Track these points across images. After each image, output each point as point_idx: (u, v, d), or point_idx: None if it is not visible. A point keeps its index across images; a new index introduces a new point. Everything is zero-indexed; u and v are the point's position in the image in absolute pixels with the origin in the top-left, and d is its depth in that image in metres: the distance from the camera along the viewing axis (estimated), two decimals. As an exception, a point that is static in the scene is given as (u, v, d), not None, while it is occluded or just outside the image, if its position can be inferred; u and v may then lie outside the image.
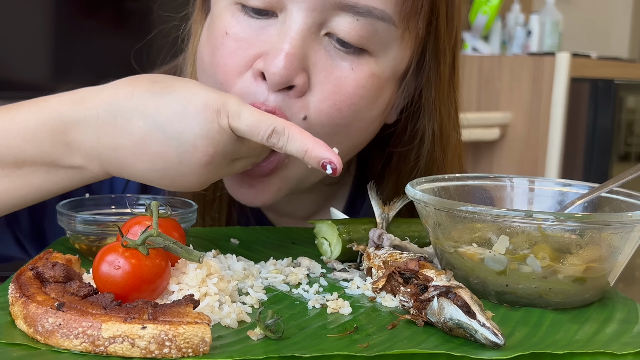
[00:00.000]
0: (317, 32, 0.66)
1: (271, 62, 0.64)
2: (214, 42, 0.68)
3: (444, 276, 0.52)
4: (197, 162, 0.60)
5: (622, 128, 2.64)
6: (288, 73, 0.64)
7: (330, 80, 0.67)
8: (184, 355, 0.44)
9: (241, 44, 0.67)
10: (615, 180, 0.65)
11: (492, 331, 0.47)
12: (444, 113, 0.76)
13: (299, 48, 0.65)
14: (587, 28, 3.60)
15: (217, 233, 0.77)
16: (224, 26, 0.68)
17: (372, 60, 0.68)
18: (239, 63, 0.67)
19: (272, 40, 0.66)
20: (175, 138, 0.59)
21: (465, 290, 0.50)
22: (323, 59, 0.66)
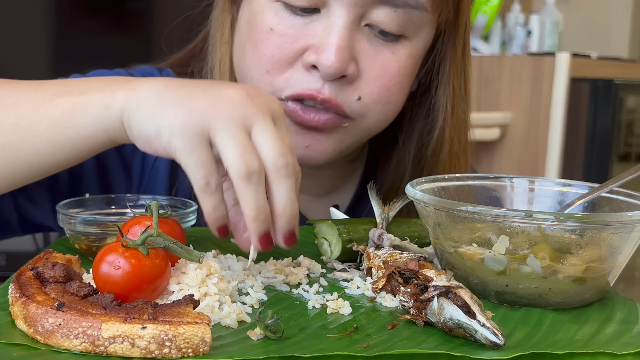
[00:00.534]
0: (359, 24, 0.72)
1: (323, 55, 0.70)
2: (257, 36, 0.74)
3: (444, 276, 0.52)
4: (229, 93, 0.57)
5: (622, 128, 2.64)
6: (341, 64, 0.70)
7: (376, 65, 0.74)
8: (184, 355, 0.44)
9: (287, 38, 0.72)
10: (615, 180, 0.65)
11: (492, 331, 0.47)
12: (456, 85, 0.82)
13: (346, 40, 0.71)
14: (587, 28, 3.60)
15: (217, 233, 0.77)
16: (267, 23, 0.73)
17: (408, 43, 0.75)
18: (286, 55, 0.72)
19: (318, 34, 0.72)
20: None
21: (465, 290, 0.50)
22: (367, 47, 0.73)
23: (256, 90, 0.58)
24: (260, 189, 0.54)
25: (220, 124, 0.54)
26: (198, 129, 0.54)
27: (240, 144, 0.53)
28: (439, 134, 0.83)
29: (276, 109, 0.58)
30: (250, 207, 0.54)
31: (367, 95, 0.74)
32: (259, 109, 0.56)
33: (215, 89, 0.57)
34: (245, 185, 0.53)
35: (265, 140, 0.55)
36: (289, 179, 0.55)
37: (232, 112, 0.55)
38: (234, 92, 0.56)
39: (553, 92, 2.44)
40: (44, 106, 0.61)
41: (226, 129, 0.54)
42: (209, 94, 0.56)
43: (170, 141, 0.55)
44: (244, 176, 0.53)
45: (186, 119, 0.54)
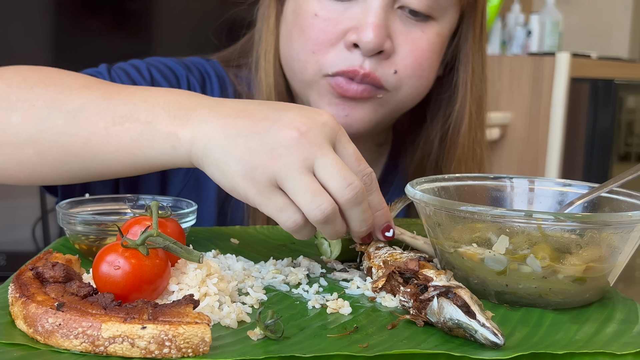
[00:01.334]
0: (392, 6, 0.82)
1: (363, 34, 0.80)
2: (303, 22, 0.83)
3: (443, 276, 0.52)
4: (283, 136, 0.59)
5: (622, 128, 2.64)
6: (379, 40, 0.80)
7: (409, 42, 0.83)
8: (184, 355, 0.44)
9: (330, 22, 0.82)
10: (615, 180, 0.65)
11: (492, 331, 0.47)
12: (475, 65, 0.91)
13: (382, 19, 0.80)
14: (587, 28, 3.60)
15: (217, 233, 0.77)
16: (312, 10, 0.83)
17: (436, 23, 0.85)
18: (330, 37, 0.82)
19: (357, 17, 0.81)
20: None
21: (465, 290, 0.50)
22: (400, 26, 0.83)
23: (307, 123, 0.59)
24: (338, 222, 0.59)
25: (284, 174, 0.57)
26: (267, 183, 0.57)
27: (308, 191, 0.57)
28: (459, 108, 0.91)
29: (330, 128, 0.60)
30: (332, 236, 0.60)
31: (402, 69, 0.83)
32: (315, 144, 0.58)
33: (269, 136, 0.58)
34: (324, 226, 0.58)
35: (330, 176, 0.58)
36: (359, 204, 0.59)
37: (291, 159, 0.57)
38: (287, 136, 0.58)
39: (553, 92, 2.44)
40: (114, 128, 0.64)
41: (290, 178, 0.57)
42: (265, 145, 0.58)
43: (247, 197, 0.59)
44: (321, 221, 0.57)
45: (253, 178, 0.58)
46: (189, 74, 0.93)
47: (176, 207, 0.71)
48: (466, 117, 0.91)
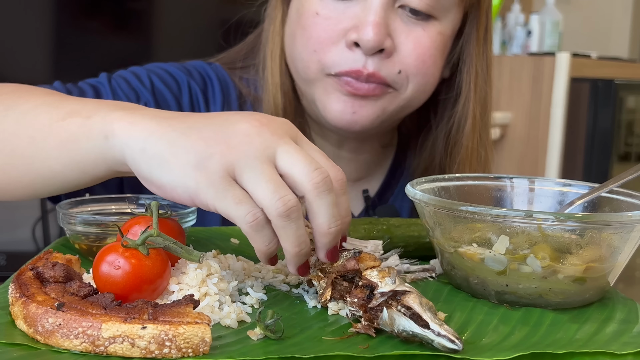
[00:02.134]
0: (393, 5, 0.82)
1: (363, 32, 0.80)
2: (305, 21, 0.84)
3: (388, 278, 0.50)
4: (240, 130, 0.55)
5: (622, 128, 2.64)
6: (379, 38, 0.80)
7: (410, 40, 0.83)
8: (184, 355, 0.44)
9: (331, 20, 0.82)
10: (615, 180, 0.65)
11: (448, 339, 0.45)
12: (479, 66, 0.91)
13: (382, 18, 0.80)
14: (587, 28, 3.60)
15: (217, 233, 0.77)
16: (314, 9, 0.83)
17: (437, 22, 0.85)
18: (331, 35, 0.82)
19: (357, 15, 0.81)
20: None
21: (413, 295, 0.48)
22: (400, 25, 0.83)
23: (267, 117, 0.56)
24: (300, 224, 0.52)
25: (244, 163, 0.52)
26: (222, 173, 0.52)
27: (270, 181, 0.51)
28: (463, 109, 0.91)
29: (290, 128, 0.56)
30: (292, 244, 0.52)
31: (406, 67, 0.83)
32: (276, 134, 0.54)
33: (226, 125, 0.54)
34: (286, 223, 0.51)
35: (294, 161, 0.53)
36: (329, 194, 0.53)
37: (252, 147, 0.52)
38: (246, 124, 0.54)
39: (553, 92, 2.44)
40: (57, 124, 0.61)
41: (251, 168, 0.52)
42: (221, 133, 0.53)
43: (198, 193, 0.52)
44: (283, 214, 0.51)
45: (206, 167, 0.52)
46: (190, 79, 0.92)
47: (176, 207, 0.71)
48: (470, 119, 0.91)
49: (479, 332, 0.51)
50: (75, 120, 0.60)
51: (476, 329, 0.52)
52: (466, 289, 0.60)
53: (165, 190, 0.54)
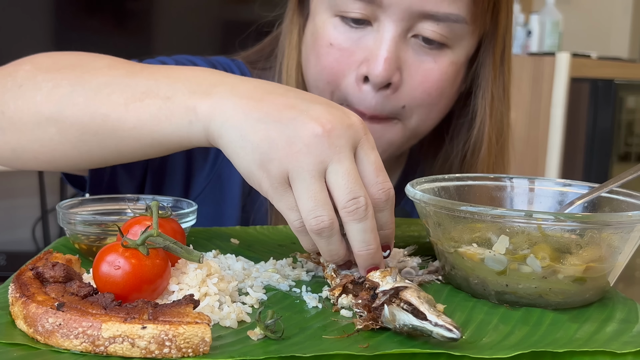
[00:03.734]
0: (405, 36, 0.81)
1: (373, 67, 0.79)
2: (319, 50, 0.84)
3: (389, 277, 0.51)
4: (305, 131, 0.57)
5: (622, 128, 2.64)
6: (387, 74, 0.80)
7: (419, 73, 0.82)
8: (184, 355, 0.44)
9: (344, 52, 0.82)
10: (615, 180, 0.65)
11: (446, 328, 0.45)
12: (495, 90, 0.89)
13: (393, 52, 0.80)
14: (587, 28, 3.59)
15: (217, 233, 0.77)
16: (327, 37, 0.83)
17: (450, 51, 0.83)
18: (343, 68, 0.83)
19: (370, 47, 0.81)
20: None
21: (411, 290, 0.49)
22: (412, 57, 0.82)
23: (334, 121, 0.57)
24: (333, 240, 0.57)
25: (297, 172, 0.55)
26: (280, 179, 0.56)
27: (312, 198, 0.55)
28: (477, 134, 0.90)
29: (355, 132, 0.58)
30: (325, 254, 0.58)
31: (410, 101, 0.83)
32: (335, 146, 0.56)
33: (292, 127, 0.56)
34: (317, 239, 0.57)
35: (337, 185, 0.56)
36: (360, 222, 0.56)
37: (308, 159, 0.55)
38: (310, 131, 0.56)
39: (553, 92, 2.44)
40: (134, 104, 0.64)
41: (301, 180, 0.55)
42: (286, 136, 0.56)
43: (261, 188, 0.58)
44: (314, 231, 0.56)
45: (268, 170, 0.56)
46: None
47: (176, 207, 0.71)
48: (485, 143, 0.90)
49: (479, 332, 0.51)
50: (154, 102, 0.63)
51: (476, 329, 0.52)
52: (466, 289, 0.60)
53: (241, 174, 0.59)
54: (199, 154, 0.91)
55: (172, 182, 0.90)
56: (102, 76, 0.67)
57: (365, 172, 0.57)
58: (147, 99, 0.63)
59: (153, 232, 0.51)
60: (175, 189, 0.90)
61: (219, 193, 0.91)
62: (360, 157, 0.58)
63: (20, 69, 0.70)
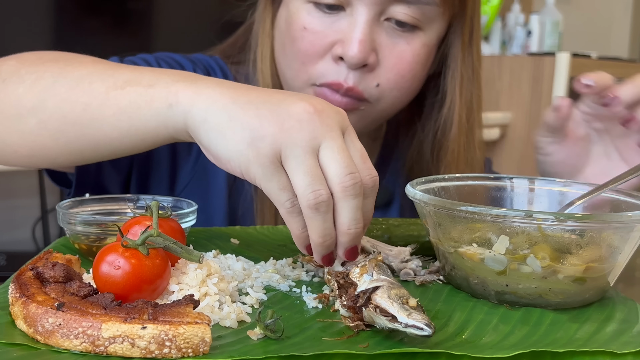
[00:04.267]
0: (378, 19, 0.83)
1: (348, 48, 0.81)
2: (294, 34, 0.85)
3: (365, 275, 0.51)
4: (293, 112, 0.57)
5: (622, 128, 2.63)
6: (363, 55, 0.81)
7: (393, 55, 0.84)
8: (184, 355, 0.44)
9: (318, 34, 0.84)
10: (615, 180, 0.65)
11: (417, 327, 0.45)
12: (464, 70, 0.91)
13: (367, 34, 0.82)
14: (587, 28, 3.60)
15: (217, 233, 0.77)
16: (302, 22, 0.84)
17: (422, 33, 0.86)
18: (318, 50, 0.84)
19: (344, 30, 0.83)
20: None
21: (381, 291, 0.49)
22: (385, 39, 0.84)
23: (322, 104, 0.58)
24: (328, 217, 0.55)
25: (290, 149, 0.55)
26: (272, 157, 0.55)
27: (308, 173, 0.54)
28: (447, 113, 0.92)
29: (342, 119, 0.58)
30: (318, 234, 0.56)
31: (385, 81, 0.85)
32: (327, 125, 0.56)
33: (283, 106, 0.56)
34: (313, 215, 0.55)
35: (333, 160, 0.55)
36: (355, 198, 0.55)
37: (300, 134, 0.55)
38: (301, 109, 0.56)
39: (553, 92, 2.44)
40: (115, 92, 0.63)
41: (295, 156, 0.55)
42: (277, 114, 0.56)
43: (249, 169, 0.56)
44: (312, 206, 0.54)
45: (259, 148, 0.55)
46: (195, 68, 0.95)
47: (176, 207, 0.71)
48: (455, 123, 0.91)
49: (479, 332, 0.51)
50: (135, 89, 0.63)
51: (476, 328, 0.52)
52: (466, 289, 0.60)
53: (221, 161, 0.58)
54: (182, 148, 0.91)
55: (158, 177, 0.91)
56: (85, 68, 0.67)
57: (354, 156, 0.57)
58: (129, 86, 0.63)
59: (153, 232, 0.51)
60: (161, 183, 0.92)
61: (205, 185, 0.92)
62: (347, 144, 0.57)
63: (5, 64, 0.71)
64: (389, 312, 0.47)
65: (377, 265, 0.55)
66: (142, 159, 0.90)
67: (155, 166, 0.91)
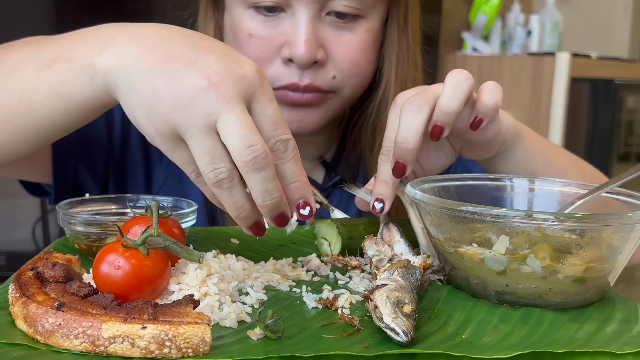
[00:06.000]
0: (320, 15, 0.84)
1: (295, 49, 0.82)
2: (240, 42, 0.86)
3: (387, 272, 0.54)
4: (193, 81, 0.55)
5: (622, 128, 2.64)
6: (310, 54, 0.83)
7: (341, 46, 0.86)
8: (184, 355, 0.44)
9: (264, 39, 0.85)
10: (615, 180, 0.65)
11: (395, 332, 0.46)
12: (400, 52, 0.92)
13: (311, 32, 0.83)
14: (587, 28, 3.60)
15: (217, 233, 0.77)
16: (246, 29, 0.85)
17: (365, 21, 0.87)
18: (267, 54, 0.85)
19: (288, 31, 0.84)
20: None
21: (383, 290, 0.50)
22: (330, 33, 0.85)
23: (220, 73, 0.55)
24: (235, 191, 0.55)
25: (185, 129, 0.54)
26: (170, 134, 0.55)
27: (205, 153, 0.54)
28: (383, 95, 0.93)
29: (248, 82, 0.56)
30: (229, 208, 0.56)
31: (340, 72, 0.87)
32: (223, 98, 0.54)
33: (177, 79, 0.55)
34: (219, 192, 0.55)
35: (230, 134, 0.53)
36: (260, 171, 0.54)
37: (194, 113, 0.54)
38: (194, 83, 0.54)
39: (553, 92, 2.44)
40: (44, 72, 0.63)
41: (190, 135, 0.54)
42: (170, 88, 0.55)
43: (154, 142, 0.56)
44: (214, 184, 0.54)
45: (156, 125, 0.55)
46: None
47: (176, 207, 0.71)
48: (390, 102, 0.91)
49: (478, 331, 0.51)
50: (61, 67, 0.62)
51: (476, 328, 0.52)
52: (466, 289, 0.60)
53: (139, 128, 0.57)
54: (155, 150, 0.92)
55: (134, 179, 0.93)
56: (17, 54, 0.67)
57: (261, 124, 0.55)
58: (55, 65, 0.62)
59: (153, 232, 0.51)
60: (138, 184, 0.93)
61: (179, 184, 0.93)
62: (255, 110, 0.56)
63: None
64: (380, 310, 0.48)
65: (405, 267, 0.56)
66: (117, 164, 0.92)
67: (131, 169, 0.93)
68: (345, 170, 0.98)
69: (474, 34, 2.82)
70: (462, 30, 2.86)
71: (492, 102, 0.65)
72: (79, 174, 0.88)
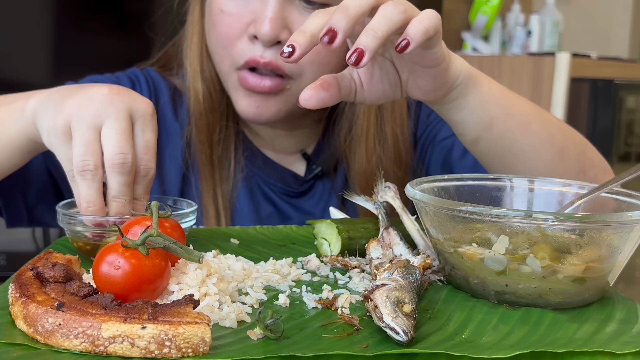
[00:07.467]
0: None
1: (260, 26, 0.85)
2: (214, 18, 0.90)
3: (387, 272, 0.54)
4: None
5: (622, 128, 2.64)
6: (274, 32, 0.85)
7: None
8: (184, 355, 0.44)
9: (234, 17, 0.88)
10: (615, 180, 0.65)
11: (395, 331, 0.47)
12: None
13: (278, 12, 0.85)
14: (587, 28, 3.59)
15: (217, 233, 0.77)
16: (219, 6, 0.89)
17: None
18: (235, 31, 0.88)
19: (257, 10, 0.86)
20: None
21: (383, 290, 0.51)
22: (298, 16, 0.87)
23: (124, 90, 0.65)
24: (93, 186, 0.63)
25: (76, 122, 0.63)
26: (63, 128, 0.64)
27: (83, 144, 0.63)
28: None
29: (139, 108, 0.65)
30: (82, 199, 0.63)
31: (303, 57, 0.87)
32: (115, 107, 0.64)
33: (87, 89, 0.65)
34: (79, 180, 0.63)
35: (109, 139, 0.63)
36: (121, 175, 0.63)
37: (88, 111, 0.63)
38: (98, 91, 0.64)
39: (553, 92, 2.44)
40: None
41: (77, 128, 0.63)
42: (80, 95, 0.64)
43: (50, 140, 0.66)
44: (79, 172, 0.62)
45: (56, 120, 0.64)
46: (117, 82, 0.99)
47: (176, 207, 0.71)
48: None
49: (478, 331, 0.51)
50: (4, 108, 0.73)
51: (476, 328, 0.52)
52: (466, 289, 0.60)
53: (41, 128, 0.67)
54: None
55: None
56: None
57: (137, 144, 0.65)
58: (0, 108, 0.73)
59: (153, 232, 0.51)
60: None
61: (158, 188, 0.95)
62: (136, 132, 0.65)
63: None
64: (380, 310, 0.48)
65: (405, 267, 0.56)
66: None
67: None
68: (325, 163, 1.00)
69: (474, 34, 2.82)
70: (462, 30, 2.86)
71: (422, 27, 0.63)
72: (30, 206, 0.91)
